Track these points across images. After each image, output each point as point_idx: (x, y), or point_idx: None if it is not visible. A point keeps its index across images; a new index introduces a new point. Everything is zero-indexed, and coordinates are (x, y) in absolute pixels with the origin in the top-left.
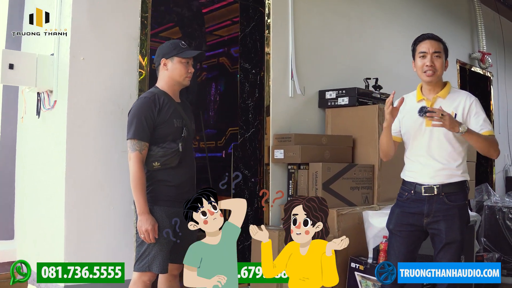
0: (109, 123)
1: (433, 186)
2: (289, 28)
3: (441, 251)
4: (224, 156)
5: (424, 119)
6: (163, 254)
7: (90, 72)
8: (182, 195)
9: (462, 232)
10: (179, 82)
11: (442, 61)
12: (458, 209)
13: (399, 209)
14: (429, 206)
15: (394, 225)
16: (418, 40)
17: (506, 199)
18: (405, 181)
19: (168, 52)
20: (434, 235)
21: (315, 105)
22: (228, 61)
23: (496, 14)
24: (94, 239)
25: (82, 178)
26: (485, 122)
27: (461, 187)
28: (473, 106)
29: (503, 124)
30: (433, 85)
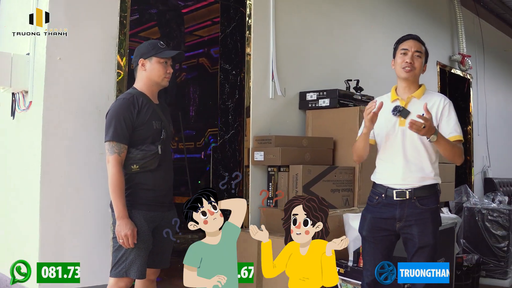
0: (86, 125)
1: (405, 190)
2: (270, 29)
3: (414, 255)
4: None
5: (397, 118)
6: (141, 259)
7: (67, 72)
8: (160, 199)
9: (435, 236)
10: (158, 82)
11: (422, 61)
12: (431, 213)
13: (371, 214)
14: (401, 210)
15: (367, 232)
16: (402, 39)
17: (485, 200)
18: (376, 184)
19: (146, 52)
20: (407, 240)
21: (295, 106)
22: (208, 62)
23: (476, 17)
24: (70, 243)
25: (57, 181)
26: (456, 126)
27: (433, 190)
28: (447, 108)
29: (482, 126)
30: (409, 84)
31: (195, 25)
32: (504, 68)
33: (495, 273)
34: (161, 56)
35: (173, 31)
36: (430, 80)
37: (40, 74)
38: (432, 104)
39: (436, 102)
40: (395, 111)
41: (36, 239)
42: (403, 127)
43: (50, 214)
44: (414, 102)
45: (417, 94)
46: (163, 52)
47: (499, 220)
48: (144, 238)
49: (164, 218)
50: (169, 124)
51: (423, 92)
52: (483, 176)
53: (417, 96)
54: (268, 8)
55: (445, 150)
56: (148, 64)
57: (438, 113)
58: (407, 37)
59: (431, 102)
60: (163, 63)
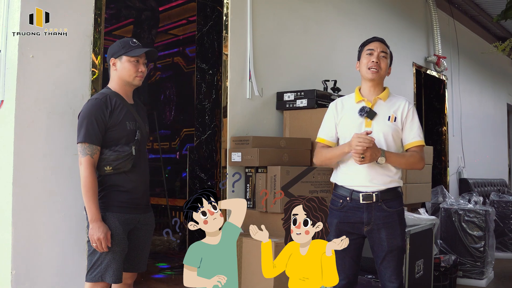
0: (60, 125)
1: (372, 193)
2: (248, 28)
3: (384, 260)
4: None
5: (363, 120)
6: (117, 263)
7: (40, 71)
8: (135, 201)
9: (403, 238)
10: (129, 82)
11: (387, 63)
12: (398, 214)
13: (337, 219)
14: (368, 214)
15: (335, 237)
16: (367, 41)
17: (460, 201)
18: (338, 186)
19: (117, 51)
20: (375, 244)
21: (273, 107)
22: (183, 61)
23: (451, 18)
24: (44, 247)
25: (30, 183)
26: (419, 131)
27: (398, 193)
28: (411, 113)
29: (456, 127)
30: (374, 85)
31: (170, 24)
32: (477, 69)
33: (472, 273)
34: (130, 55)
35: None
36: (406, 81)
37: (12, 72)
38: (397, 107)
39: (400, 106)
40: (362, 112)
41: (8, 244)
42: (370, 128)
43: (23, 217)
44: (380, 103)
45: (383, 96)
46: (133, 50)
47: (475, 221)
48: (118, 241)
49: (140, 220)
50: (144, 125)
51: (388, 94)
52: (458, 177)
53: (383, 98)
54: (246, 7)
55: (399, 165)
56: (119, 63)
57: (403, 117)
58: (372, 39)
59: (396, 105)
60: (133, 61)
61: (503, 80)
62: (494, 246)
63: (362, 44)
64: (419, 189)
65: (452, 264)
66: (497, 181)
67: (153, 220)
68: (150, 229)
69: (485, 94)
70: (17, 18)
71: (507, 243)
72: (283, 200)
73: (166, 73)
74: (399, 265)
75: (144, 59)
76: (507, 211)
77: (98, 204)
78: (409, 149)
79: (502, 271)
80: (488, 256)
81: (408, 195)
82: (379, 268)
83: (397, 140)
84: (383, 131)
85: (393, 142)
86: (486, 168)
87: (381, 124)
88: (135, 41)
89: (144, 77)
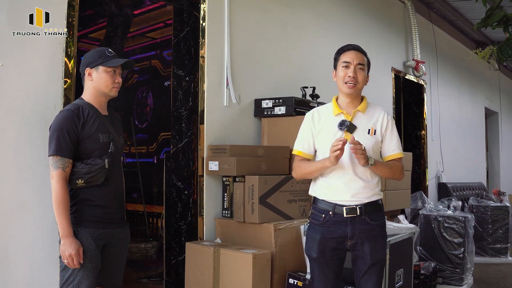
0: (32, 136)
1: (355, 206)
2: (225, 34)
3: (366, 273)
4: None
5: (343, 133)
6: (89, 279)
7: (10, 79)
8: (109, 215)
9: (385, 251)
10: (105, 93)
11: (364, 74)
12: (380, 227)
13: (320, 234)
14: (352, 227)
15: (318, 253)
16: (343, 50)
17: (440, 206)
18: (319, 200)
19: (93, 61)
20: (358, 257)
21: (250, 114)
22: (160, 64)
23: (430, 23)
24: (15, 262)
25: (1, 196)
26: (398, 143)
27: (379, 205)
28: (390, 124)
29: (435, 131)
30: (352, 98)
31: (148, 27)
32: (456, 73)
33: (452, 280)
34: (108, 65)
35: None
36: (385, 86)
37: None
38: (376, 119)
39: (379, 118)
40: (342, 126)
41: None
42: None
43: None
44: (359, 116)
45: (361, 108)
46: (110, 60)
47: (454, 227)
48: (91, 258)
49: (114, 235)
50: (119, 137)
51: (366, 106)
52: (437, 181)
53: (362, 110)
54: (223, 13)
55: (382, 173)
56: (95, 74)
57: (383, 129)
58: (348, 47)
59: (375, 116)
60: (110, 72)
61: (481, 83)
62: (473, 252)
63: (337, 52)
64: (399, 196)
65: (431, 271)
66: (475, 184)
67: (128, 234)
68: (125, 244)
69: (463, 98)
70: None
71: (486, 248)
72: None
73: (143, 76)
74: (379, 278)
75: (120, 70)
76: (486, 216)
77: (70, 219)
78: (389, 162)
79: (481, 277)
80: (468, 263)
81: (388, 202)
82: (359, 281)
83: (377, 152)
84: (364, 144)
85: (373, 154)
86: (464, 172)
87: (361, 138)
88: (111, 51)
89: (119, 88)
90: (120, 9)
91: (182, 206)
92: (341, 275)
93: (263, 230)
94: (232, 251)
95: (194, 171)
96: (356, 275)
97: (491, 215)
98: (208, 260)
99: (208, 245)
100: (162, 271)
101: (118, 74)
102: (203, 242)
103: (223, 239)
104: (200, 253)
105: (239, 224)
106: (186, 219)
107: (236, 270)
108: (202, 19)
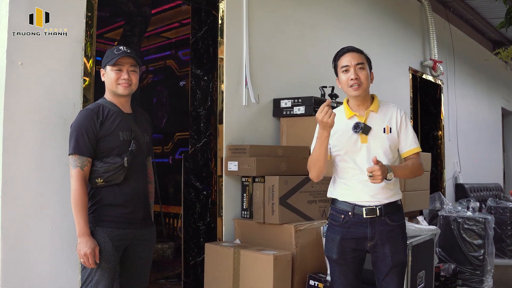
0: (51, 136)
1: (375, 207)
2: (243, 33)
3: (388, 275)
4: (171, 162)
5: (358, 136)
6: (106, 280)
7: (29, 78)
8: (129, 215)
9: (406, 252)
10: (113, 91)
11: (366, 73)
12: (400, 228)
13: (339, 235)
14: (372, 228)
15: (338, 254)
16: (338, 55)
17: (458, 207)
18: (338, 201)
19: (103, 62)
20: (378, 259)
21: (269, 114)
22: (175, 64)
23: (447, 22)
24: (35, 262)
25: (20, 196)
26: (414, 138)
27: (399, 206)
28: (404, 120)
29: (452, 132)
30: (361, 100)
31: (163, 27)
32: (472, 73)
33: (472, 282)
34: (110, 64)
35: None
36: (402, 86)
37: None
38: (390, 116)
39: (393, 115)
40: (357, 128)
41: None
42: (367, 144)
43: (12, 232)
44: (372, 116)
45: (374, 108)
46: (113, 58)
47: (474, 229)
48: (108, 258)
49: (136, 236)
50: (143, 135)
51: (378, 104)
52: (454, 182)
53: (375, 110)
54: (241, 12)
55: (404, 176)
56: (105, 73)
57: (398, 125)
58: (343, 51)
59: (388, 114)
60: (115, 70)
61: (497, 83)
62: (493, 254)
63: (334, 59)
64: (418, 196)
65: (451, 273)
66: (492, 185)
67: (153, 235)
68: (149, 245)
69: (480, 98)
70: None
71: (505, 250)
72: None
73: (158, 76)
74: (401, 280)
75: (129, 66)
76: (505, 217)
77: (87, 218)
78: (407, 158)
79: (501, 279)
80: (488, 264)
81: (407, 203)
82: (380, 283)
83: (395, 151)
84: (381, 144)
85: (391, 153)
86: (481, 173)
87: (378, 138)
88: (120, 48)
89: (130, 86)
90: (138, 9)
91: (200, 207)
92: (361, 276)
93: (283, 231)
94: (252, 252)
95: (213, 171)
96: (377, 277)
97: (510, 216)
98: (228, 261)
99: (227, 246)
100: (180, 271)
101: (125, 71)
102: (223, 243)
103: (242, 240)
104: (219, 254)
105: (258, 225)
106: (204, 219)
107: (256, 271)
108: (220, 18)
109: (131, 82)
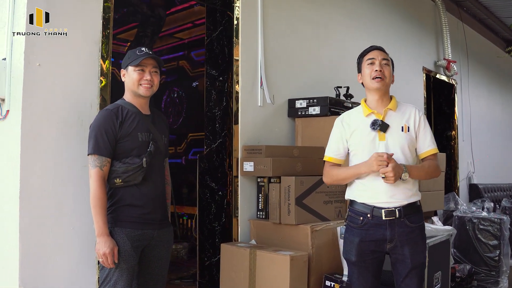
0: (68, 136)
1: (394, 209)
2: (258, 34)
3: (407, 277)
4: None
5: (376, 133)
6: (124, 280)
7: (47, 79)
8: (147, 216)
9: (425, 254)
10: (134, 91)
11: (390, 69)
12: (420, 230)
13: (358, 237)
14: (391, 230)
15: (357, 257)
16: (366, 51)
17: (473, 208)
18: (357, 202)
19: (125, 62)
20: (398, 261)
21: (284, 114)
22: (188, 65)
23: (460, 22)
24: (53, 263)
25: (38, 196)
26: (432, 139)
27: (418, 207)
28: (422, 120)
29: (466, 132)
30: (381, 95)
31: (176, 27)
32: (486, 73)
33: (487, 283)
34: (133, 64)
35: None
36: (417, 86)
37: (18, 81)
38: (408, 116)
39: (411, 115)
40: (375, 125)
41: (16, 259)
42: (385, 142)
43: (30, 232)
44: (391, 114)
45: (392, 106)
46: (136, 59)
47: (490, 229)
48: (126, 258)
49: (154, 237)
50: (161, 137)
51: (396, 103)
52: (468, 182)
53: (393, 108)
54: (256, 13)
55: (419, 177)
56: (127, 74)
57: (416, 126)
58: (370, 48)
59: (407, 114)
60: (138, 70)
61: (511, 83)
62: (509, 255)
63: (360, 55)
64: (433, 197)
65: (467, 274)
66: (506, 185)
67: (171, 236)
68: (167, 246)
69: (494, 97)
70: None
71: None
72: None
73: (171, 77)
74: (420, 282)
75: (151, 68)
76: None
77: (107, 218)
78: (425, 158)
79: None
80: (503, 265)
81: (422, 204)
82: (399, 285)
83: (413, 150)
84: (399, 143)
85: (409, 152)
86: (495, 173)
87: (396, 136)
88: (143, 49)
89: (152, 87)
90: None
91: (216, 207)
92: (380, 277)
93: (299, 232)
94: (268, 252)
95: (228, 172)
96: (396, 279)
97: None
98: (244, 262)
99: (243, 247)
100: (194, 272)
101: (148, 72)
102: (238, 243)
103: (258, 240)
104: (235, 255)
105: (274, 226)
106: (220, 220)
107: (272, 272)
108: (235, 18)
109: (152, 83)
